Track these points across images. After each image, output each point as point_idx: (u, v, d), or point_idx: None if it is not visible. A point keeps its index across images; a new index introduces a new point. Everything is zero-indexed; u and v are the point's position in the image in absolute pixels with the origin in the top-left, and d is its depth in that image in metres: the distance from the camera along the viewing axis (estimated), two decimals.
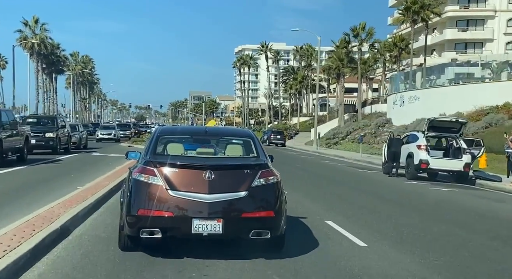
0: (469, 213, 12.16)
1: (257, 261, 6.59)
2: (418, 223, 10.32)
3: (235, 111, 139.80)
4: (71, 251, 6.74)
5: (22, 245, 6.11)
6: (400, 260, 7.10)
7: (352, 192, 15.47)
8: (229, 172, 6.47)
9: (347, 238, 8.24)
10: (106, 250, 6.85)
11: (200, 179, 6.21)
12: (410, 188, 17.33)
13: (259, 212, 6.34)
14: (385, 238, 8.50)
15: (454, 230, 9.70)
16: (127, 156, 7.78)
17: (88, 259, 6.42)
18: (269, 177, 6.55)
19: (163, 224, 6.13)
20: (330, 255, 7.07)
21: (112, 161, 20.84)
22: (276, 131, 60.62)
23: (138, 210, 6.15)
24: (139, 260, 6.43)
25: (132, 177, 6.41)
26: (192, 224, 6.13)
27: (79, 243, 7.21)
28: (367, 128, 49.60)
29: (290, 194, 9.08)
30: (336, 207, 11.92)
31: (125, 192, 6.53)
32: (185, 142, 7.51)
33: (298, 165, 27.04)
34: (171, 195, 6.15)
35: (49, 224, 7.33)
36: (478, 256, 7.57)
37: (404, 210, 12.21)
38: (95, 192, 10.94)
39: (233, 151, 7.47)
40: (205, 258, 6.47)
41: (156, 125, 68.59)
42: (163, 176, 6.22)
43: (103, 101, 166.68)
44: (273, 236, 6.44)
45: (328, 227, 9.13)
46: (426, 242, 8.33)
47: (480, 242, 8.68)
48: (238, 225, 6.28)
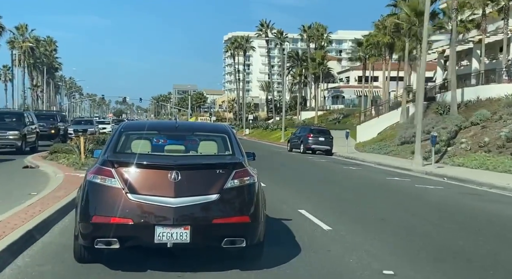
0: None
1: (231, 272, 6.14)
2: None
3: (225, 105, 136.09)
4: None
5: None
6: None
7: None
8: (199, 172, 6.17)
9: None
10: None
11: (165, 180, 5.91)
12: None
13: (233, 218, 6.05)
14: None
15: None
16: (93, 154, 7.34)
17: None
18: (245, 177, 6.26)
19: (121, 232, 5.82)
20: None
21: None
22: (317, 129, 39.92)
23: (92, 217, 5.75)
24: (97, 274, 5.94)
25: (86, 179, 5.98)
26: (155, 232, 5.83)
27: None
28: (492, 125, 29.83)
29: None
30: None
31: (79, 196, 6.07)
32: (152, 139, 7.00)
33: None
34: (131, 199, 5.85)
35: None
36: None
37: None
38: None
39: (206, 149, 7.15)
40: (172, 271, 6.07)
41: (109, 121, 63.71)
42: (121, 177, 5.92)
43: (70, 91, 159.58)
44: (249, 245, 6.08)
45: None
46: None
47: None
48: (209, 232, 6.00)
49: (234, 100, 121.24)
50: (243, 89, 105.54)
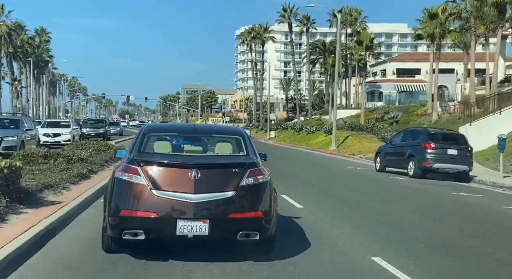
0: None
1: (245, 263, 7.16)
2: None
3: (238, 104, 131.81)
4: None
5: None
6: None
7: None
8: (216, 171, 7.13)
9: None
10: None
11: (185, 178, 6.84)
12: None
13: (247, 213, 6.99)
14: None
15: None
16: (116, 154, 8.23)
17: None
18: (258, 176, 7.22)
19: (146, 225, 6.81)
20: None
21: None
22: (442, 133, 24.09)
23: (120, 210, 6.59)
24: (125, 263, 6.79)
25: (115, 176, 6.87)
26: (177, 225, 6.79)
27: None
28: None
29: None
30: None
31: (108, 192, 6.96)
32: (173, 140, 7.89)
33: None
34: (155, 195, 6.81)
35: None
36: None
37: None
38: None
39: (222, 149, 8.16)
40: (191, 261, 7.00)
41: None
42: (147, 175, 6.88)
43: (72, 91, 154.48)
44: (262, 238, 6.94)
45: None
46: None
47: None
48: (225, 226, 6.95)
49: (248, 98, 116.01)
50: (260, 86, 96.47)
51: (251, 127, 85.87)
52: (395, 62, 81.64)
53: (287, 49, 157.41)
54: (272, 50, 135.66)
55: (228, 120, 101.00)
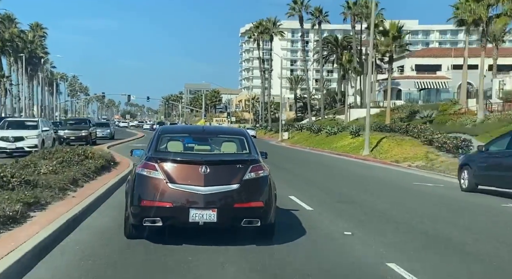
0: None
1: (249, 247, 8.49)
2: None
3: (243, 104, 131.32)
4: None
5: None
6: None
7: None
8: (223, 167, 8.37)
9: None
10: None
11: (196, 173, 8.06)
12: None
13: (250, 203, 8.33)
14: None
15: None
16: (132, 153, 9.68)
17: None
18: (259, 171, 8.55)
19: (163, 213, 8.09)
20: None
21: None
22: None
23: (141, 201, 7.78)
24: (144, 246, 8.26)
25: (136, 172, 8.21)
26: (190, 213, 8.08)
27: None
28: None
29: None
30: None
31: (130, 185, 8.16)
32: (184, 140, 9.09)
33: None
34: (171, 187, 8.06)
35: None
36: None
37: None
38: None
39: (227, 148, 9.53)
40: (202, 245, 8.16)
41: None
42: (163, 170, 8.09)
43: (72, 90, 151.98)
44: (263, 225, 8.31)
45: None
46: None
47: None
48: (231, 214, 8.29)
49: (254, 98, 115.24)
50: (268, 84, 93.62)
51: (258, 127, 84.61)
52: (413, 57, 76.50)
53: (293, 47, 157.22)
54: (278, 48, 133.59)
55: (234, 120, 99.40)
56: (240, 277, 7.07)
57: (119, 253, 8.03)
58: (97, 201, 11.97)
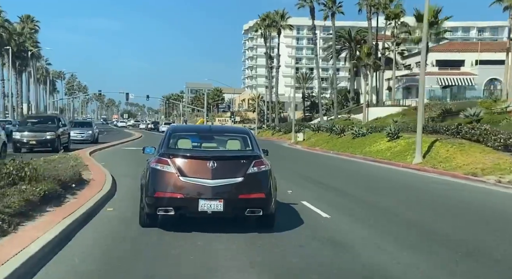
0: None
1: (251, 234, 9.50)
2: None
3: (246, 103, 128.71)
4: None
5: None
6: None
7: None
8: (229, 162, 9.47)
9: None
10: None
11: (205, 167, 9.11)
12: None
13: (253, 194, 9.47)
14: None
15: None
16: (144, 150, 10.45)
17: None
18: (261, 166, 9.72)
19: (175, 203, 9.20)
20: None
21: None
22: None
23: (155, 192, 8.84)
24: (157, 234, 9.34)
25: (150, 166, 9.34)
26: (199, 203, 9.22)
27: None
28: None
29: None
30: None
31: (144, 178, 9.22)
32: (193, 138, 10.14)
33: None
34: (182, 180, 9.16)
35: None
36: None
37: None
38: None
39: (232, 145, 10.65)
40: (210, 232, 9.15)
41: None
42: (175, 165, 9.15)
43: (70, 89, 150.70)
44: (264, 214, 9.43)
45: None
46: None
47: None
48: (236, 204, 9.44)
49: (259, 97, 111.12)
50: (276, 82, 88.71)
51: (265, 128, 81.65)
52: (434, 52, 67.98)
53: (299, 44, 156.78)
54: (282, 46, 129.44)
55: (238, 120, 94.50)
56: (243, 259, 8.09)
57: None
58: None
